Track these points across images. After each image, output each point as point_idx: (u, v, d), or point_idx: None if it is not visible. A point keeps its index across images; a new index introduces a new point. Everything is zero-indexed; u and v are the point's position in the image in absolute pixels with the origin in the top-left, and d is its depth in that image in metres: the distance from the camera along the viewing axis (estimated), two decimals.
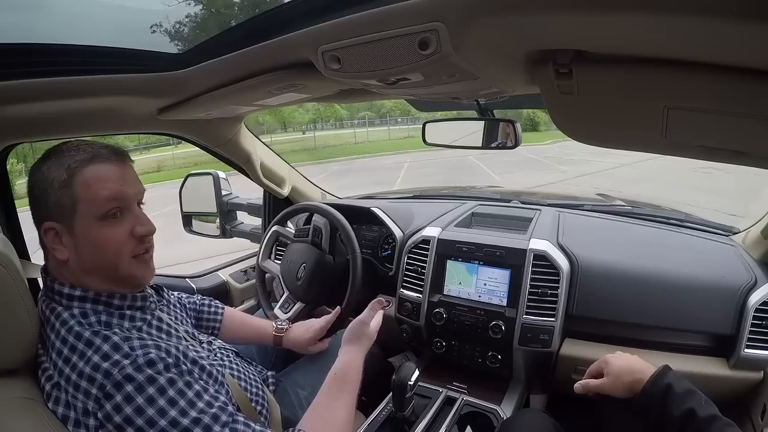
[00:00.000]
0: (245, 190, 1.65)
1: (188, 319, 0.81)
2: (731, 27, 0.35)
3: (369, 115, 28.64)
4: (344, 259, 1.10)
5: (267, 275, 1.30)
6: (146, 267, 0.67)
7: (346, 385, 0.75)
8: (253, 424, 0.59)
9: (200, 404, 0.56)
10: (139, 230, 0.64)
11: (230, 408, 0.59)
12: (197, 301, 0.98)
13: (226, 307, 1.02)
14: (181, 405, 0.54)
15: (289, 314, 1.15)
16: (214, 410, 0.57)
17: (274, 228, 1.25)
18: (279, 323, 1.04)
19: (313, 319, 1.06)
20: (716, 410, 0.63)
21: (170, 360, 0.57)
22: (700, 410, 0.62)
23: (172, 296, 0.85)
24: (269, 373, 0.97)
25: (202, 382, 0.60)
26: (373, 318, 0.88)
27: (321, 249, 1.17)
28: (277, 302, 1.21)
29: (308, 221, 1.32)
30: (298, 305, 1.16)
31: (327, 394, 0.73)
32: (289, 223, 1.32)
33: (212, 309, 0.99)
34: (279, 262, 1.27)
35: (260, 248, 1.28)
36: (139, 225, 0.64)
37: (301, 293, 1.15)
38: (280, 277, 1.23)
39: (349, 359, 0.79)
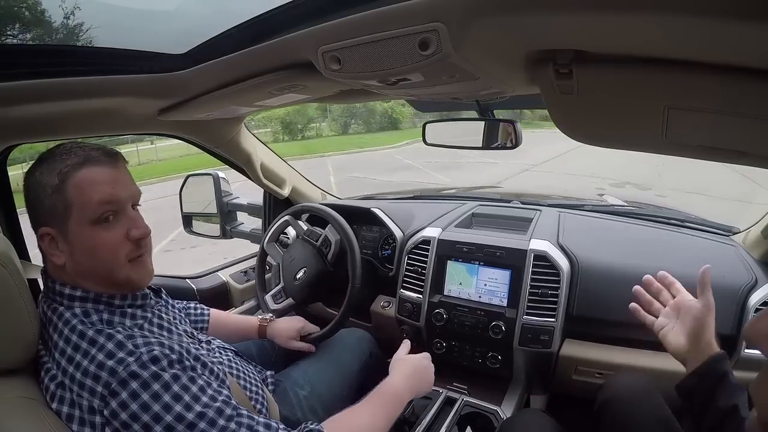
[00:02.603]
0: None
1: (186, 319, 0.82)
2: (731, 27, 0.35)
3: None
4: (345, 274, 1.11)
5: (268, 258, 1.30)
6: (143, 269, 0.66)
7: (386, 409, 0.74)
8: (257, 417, 0.60)
9: (204, 398, 0.57)
10: (134, 233, 0.63)
11: (233, 402, 0.60)
12: (183, 306, 0.99)
13: (210, 311, 1.03)
14: (186, 400, 0.55)
15: (279, 306, 1.17)
16: (218, 404, 0.57)
17: (287, 218, 1.24)
18: (264, 316, 1.08)
19: (298, 319, 1.09)
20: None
21: (174, 356, 0.58)
22: (743, 410, 0.59)
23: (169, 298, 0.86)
24: (269, 372, 0.97)
25: (204, 377, 0.61)
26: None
27: (325, 260, 1.17)
28: (271, 290, 1.22)
29: (315, 223, 1.31)
30: (288, 300, 1.17)
31: (365, 404, 0.73)
32: (302, 219, 1.31)
33: (198, 311, 1.01)
34: (283, 250, 1.27)
35: (268, 231, 1.28)
36: (134, 228, 0.64)
37: (295, 293, 1.15)
38: (280, 266, 1.23)
39: (400, 392, 0.79)
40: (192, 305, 1.02)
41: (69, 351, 0.57)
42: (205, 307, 1.04)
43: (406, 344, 0.91)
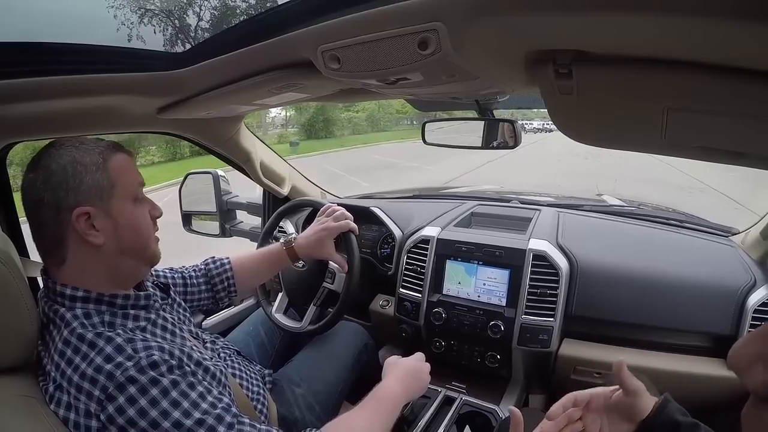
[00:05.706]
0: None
1: (191, 318, 0.82)
2: (731, 27, 0.35)
3: None
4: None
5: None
6: (158, 247, 0.72)
7: (383, 414, 0.73)
8: (258, 425, 0.59)
9: (204, 405, 0.56)
10: (153, 212, 0.70)
11: (234, 409, 0.59)
12: (203, 267, 0.96)
13: (229, 257, 0.99)
14: (185, 406, 0.54)
15: (306, 319, 1.13)
16: (217, 411, 0.56)
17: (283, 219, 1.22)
18: (284, 239, 1.02)
19: (323, 223, 1.02)
20: None
21: (173, 362, 0.57)
22: None
23: (178, 291, 0.86)
24: (266, 371, 0.97)
25: (205, 383, 0.60)
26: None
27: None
28: (275, 304, 1.18)
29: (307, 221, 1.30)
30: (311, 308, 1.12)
31: (360, 409, 0.72)
32: (289, 226, 1.29)
33: (218, 264, 0.97)
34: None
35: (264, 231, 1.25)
36: (152, 208, 0.70)
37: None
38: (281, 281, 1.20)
39: (394, 395, 0.77)
40: (210, 260, 0.98)
41: (68, 353, 0.56)
42: (225, 260, 0.99)
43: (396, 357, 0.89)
